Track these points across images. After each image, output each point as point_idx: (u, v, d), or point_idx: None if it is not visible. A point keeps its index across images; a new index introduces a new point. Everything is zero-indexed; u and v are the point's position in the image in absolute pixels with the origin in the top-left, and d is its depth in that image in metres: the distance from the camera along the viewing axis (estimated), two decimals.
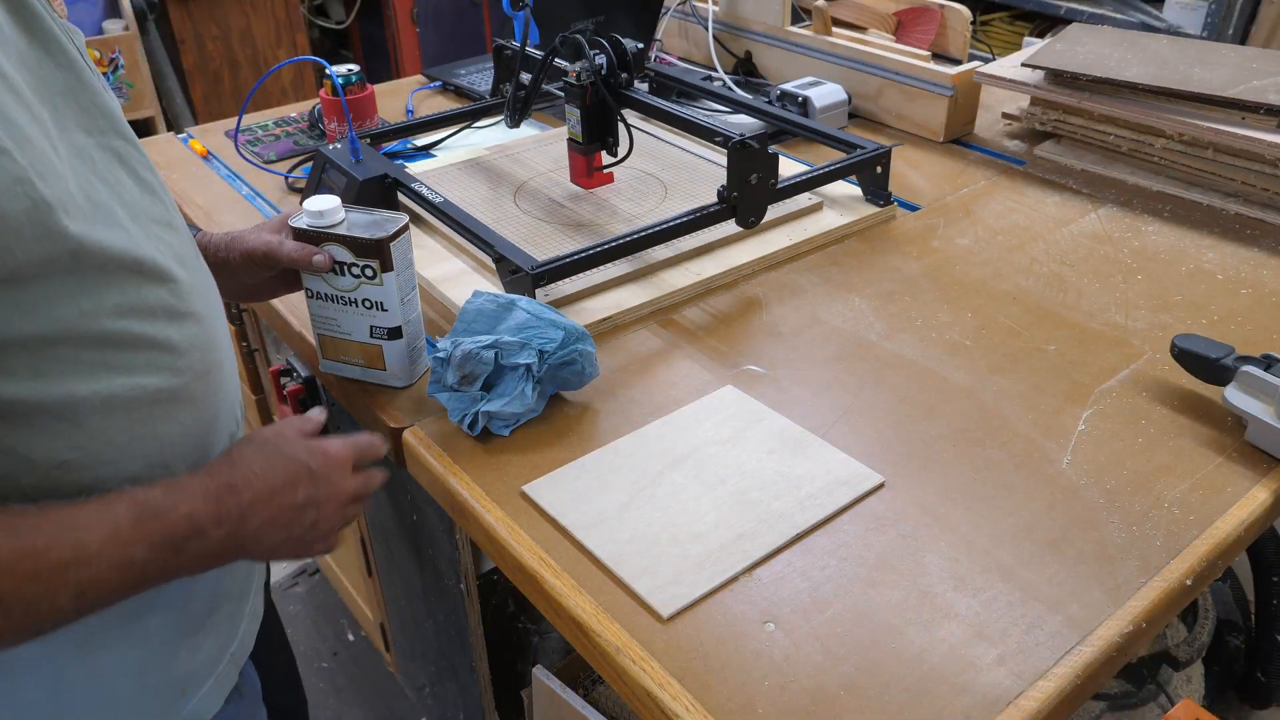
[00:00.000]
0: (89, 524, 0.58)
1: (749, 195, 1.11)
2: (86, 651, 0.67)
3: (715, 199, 1.11)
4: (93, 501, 0.59)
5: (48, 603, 0.56)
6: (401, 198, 1.21)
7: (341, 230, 0.86)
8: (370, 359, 0.93)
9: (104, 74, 2.98)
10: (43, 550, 0.55)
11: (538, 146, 1.42)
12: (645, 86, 1.39)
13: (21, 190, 0.52)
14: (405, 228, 0.87)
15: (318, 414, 0.79)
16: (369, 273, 0.87)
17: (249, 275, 0.90)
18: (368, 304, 0.89)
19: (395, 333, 0.90)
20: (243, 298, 0.94)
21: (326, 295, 0.90)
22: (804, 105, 1.46)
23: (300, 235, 0.86)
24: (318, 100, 1.54)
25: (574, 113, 1.20)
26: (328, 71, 1.27)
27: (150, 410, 0.63)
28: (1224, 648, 1.42)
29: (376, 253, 0.86)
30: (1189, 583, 0.72)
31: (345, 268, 0.87)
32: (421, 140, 1.47)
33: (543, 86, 1.30)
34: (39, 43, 0.57)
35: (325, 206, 0.85)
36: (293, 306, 1.09)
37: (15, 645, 0.58)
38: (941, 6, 1.59)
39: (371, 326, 0.90)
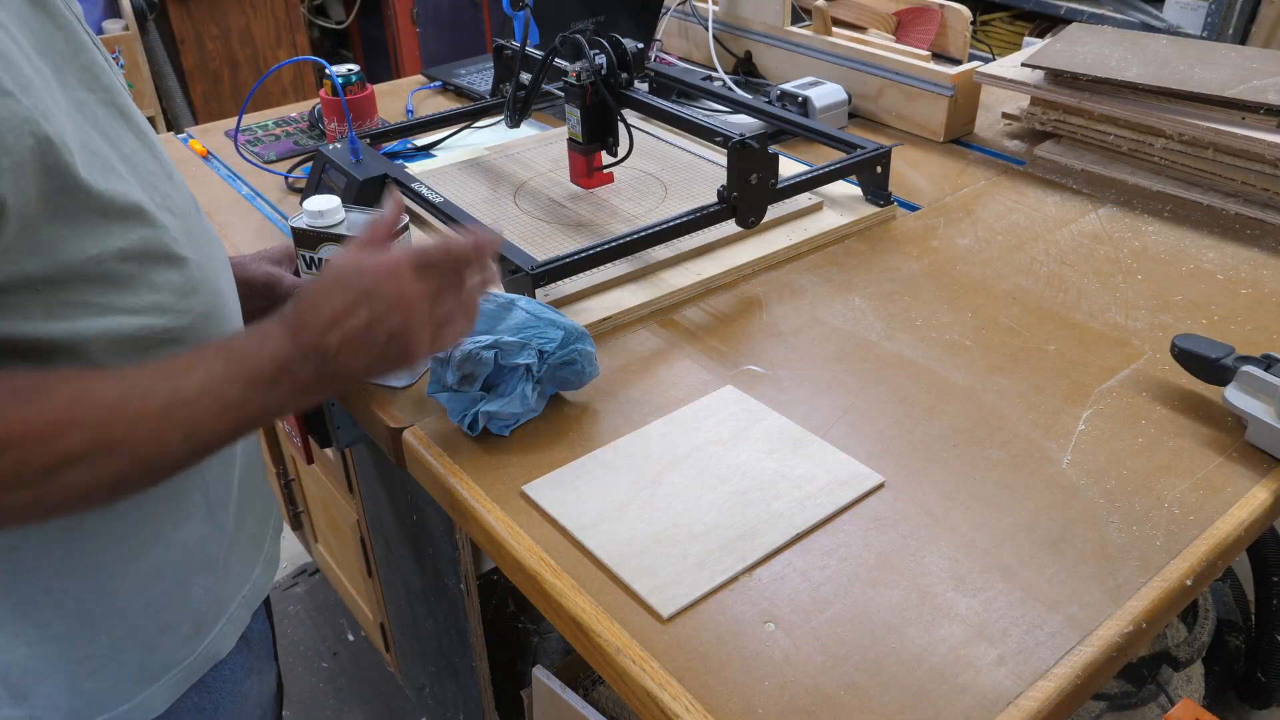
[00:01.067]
0: (185, 370, 0.61)
1: (749, 195, 1.11)
2: (106, 587, 0.70)
3: (715, 199, 1.11)
4: (185, 354, 0.63)
5: (160, 443, 0.59)
6: (402, 198, 1.21)
7: (341, 230, 0.86)
8: None
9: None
10: (144, 394, 0.59)
11: (538, 146, 1.42)
12: (645, 86, 1.39)
13: (28, 129, 0.54)
14: (405, 228, 0.87)
15: (389, 212, 0.76)
16: None
17: (245, 303, 0.90)
18: None
19: None
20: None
21: None
22: (804, 105, 1.46)
23: (300, 235, 0.87)
24: (318, 100, 1.54)
25: (574, 113, 1.20)
26: (328, 71, 1.27)
27: (159, 350, 0.66)
28: (1224, 648, 1.42)
29: None
30: (1189, 583, 0.72)
31: None
32: (421, 140, 1.47)
33: (543, 86, 1.30)
34: (39, 5, 0.60)
35: (325, 206, 0.85)
36: None
37: (142, 490, 0.62)
38: (941, 6, 1.59)
39: None
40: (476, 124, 1.50)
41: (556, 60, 1.22)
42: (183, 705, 0.78)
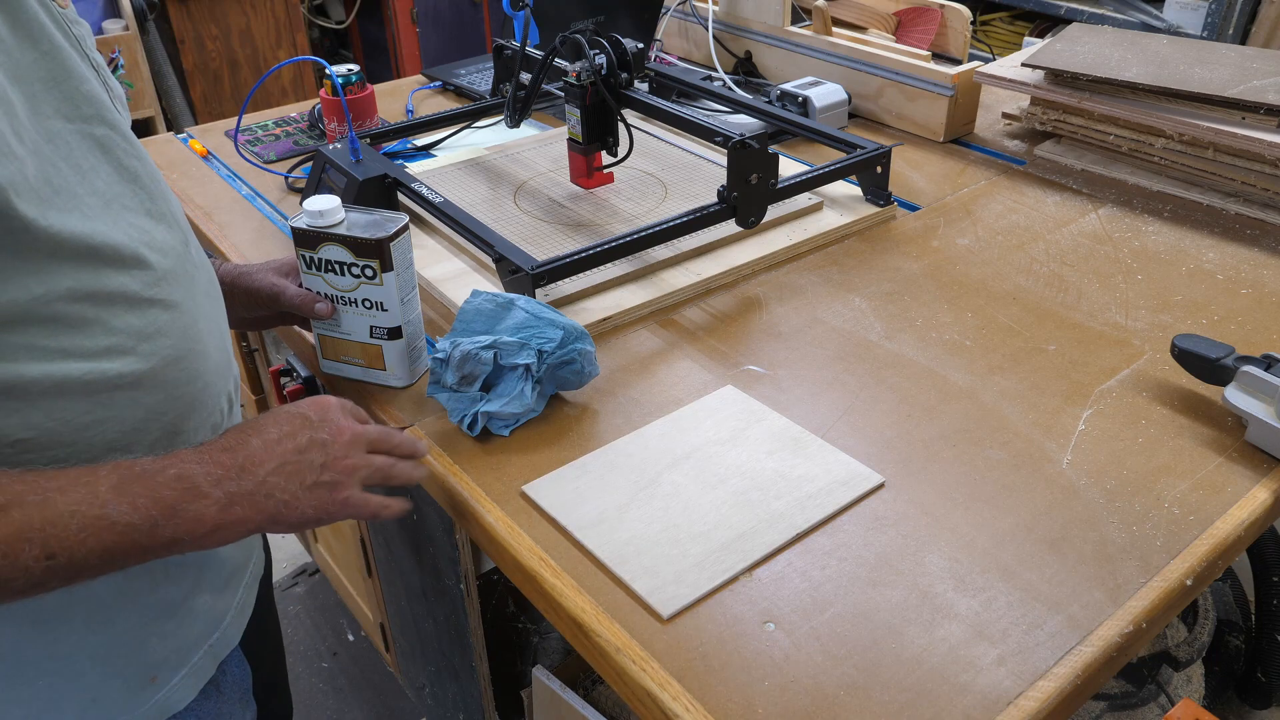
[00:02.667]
0: (62, 485, 0.57)
1: (749, 195, 1.11)
2: (46, 630, 0.67)
3: (715, 199, 1.11)
4: (75, 468, 0.59)
5: (10, 560, 0.55)
6: (401, 198, 1.21)
7: (341, 230, 0.86)
8: (370, 359, 0.93)
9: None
10: (2, 507, 0.55)
11: (538, 146, 1.42)
12: (645, 86, 1.39)
13: None
14: (405, 228, 0.87)
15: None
16: (369, 273, 0.87)
17: (249, 311, 0.92)
18: (368, 304, 0.89)
19: (395, 333, 0.90)
20: (243, 328, 0.96)
21: (326, 295, 0.90)
22: (804, 105, 1.46)
23: (300, 235, 0.87)
24: (318, 100, 1.54)
25: (574, 113, 1.20)
26: (328, 71, 1.27)
27: (112, 395, 0.63)
28: (1224, 648, 1.42)
29: (376, 253, 0.86)
30: (1189, 583, 0.72)
31: (345, 268, 0.87)
32: (421, 140, 1.47)
33: (543, 86, 1.30)
34: (21, 28, 0.58)
35: (325, 206, 0.85)
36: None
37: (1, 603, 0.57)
38: (941, 6, 1.59)
39: (371, 326, 0.90)
40: (476, 124, 1.50)
41: (556, 60, 1.22)
42: None
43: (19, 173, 0.55)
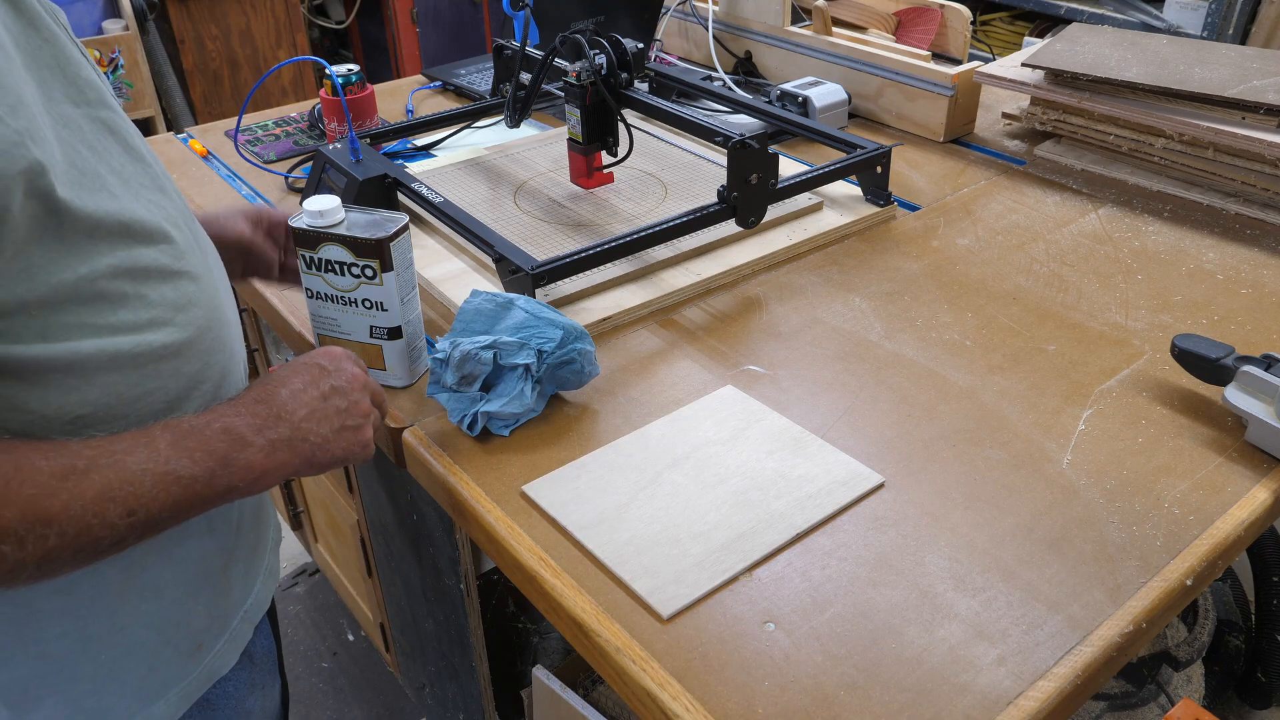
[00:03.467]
0: (127, 447, 0.60)
1: (749, 195, 1.11)
2: (106, 605, 0.69)
3: (715, 199, 1.11)
4: (131, 432, 0.62)
5: (99, 520, 0.58)
6: (401, 198, 1.21)
7: (341, 230, 0.86)
8: (370, 359, 0.93)
9: (103, 73, 2.99)
10: (84, 470, 0.58)
11: (538, 146, 1.42)
12: (645, 86, 1.39)
13: (18, 153, 0.53)
14: (405, 228, 0.87)
15: None
16: (369, 273, 0.87)
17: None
18: (367, 304, 0.89)
19: (395, 333, 0.90)
20: None
21: (326, 295, 0.90)
22: (804, 105, 1.46)
23: (300, 235, 0.87)
24: (318, 100, 1.54)
25: (574, 113, 1.20)
26: (328, 71, 1.27)
27: (158, 365, 0.66)
28: (1224, 648, 1.42)
29: (376, 253, 0.86)
30: (1189, 583, 0.72)
31: (345, 268, 0.87)
32: (421, 140, 1.47)
33: (543, 86, 1.30)
34: (23, 16, 0.59)
35: (325, 206, 0.86)
36: (293, 307, 1.09)
37: (85, 565, 0.60)
38: (941, 6, 1.59)
39: (371, 326, 0.90)
40: (476, 124, 1.50)
41: (556, 60, 1.22)
42: None
43: (52, 156, 0.57)
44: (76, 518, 0.57)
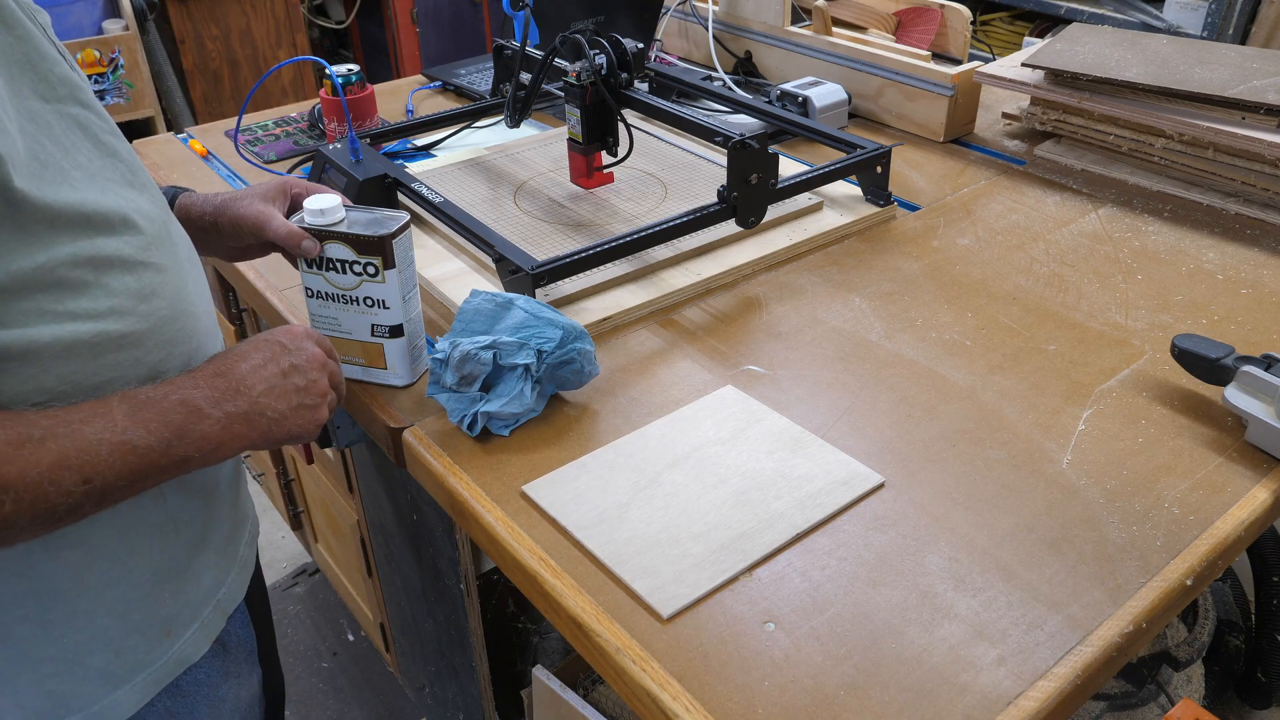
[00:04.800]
0: (84, 416, 0.62)
1: (749, 195, 1.11)
2: (69, 588, 0.70)
3: (715, 199, 1.11)
4: (87, 402, 0.63)
5: (55, 488, 0.59)
6: (401, 197, 1.21)
7: (343, 228, 0.86)
8: (371, 358, 0.93)
9: (103, 73, 2.99)
10: (39, 439, 0.59)
11: (538, 146, 1.42)
12: (645, 86, 1.39)
13: None
14: (407, 225, 0.87)
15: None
16: (371, 270, 0.87)
17: (236, 240, 0.91)
18: (369, 302, 0.89)
19: (397, 330, 0.90)
20: (231, 258, 0.97)
21: (327, 294, 0.90)
22: (804, 105, 1.46)
23: None
24: (318, 100, 1.54)
25: (574, 113, 1.20)
26: (328, 71, 1.27)
27: (117, 355, 0.66)
28: (1224, 648, 1.42)
29: (379, 250, 0.86)
30: (1189, 583, 0.72)
31: (347, 265, 0.87)
32: (421, 140, 1.47)
33: (543, 86, 1.30)
34: None
35: (326, 205, 0.86)
36: (292, 306, 1.09)
37: (42, 532, 0.62)
38: (941, 6, 1.59)
39: (373, 325, 0.90)
40: (476, 124, 1.50)
41: (556, 60, 1.22)
42: (154, 709, 0.78)
43: (13, 148, 0.58)
44: (33, 485, 0.58)
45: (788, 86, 1.49)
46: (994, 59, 1.52)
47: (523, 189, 1.30)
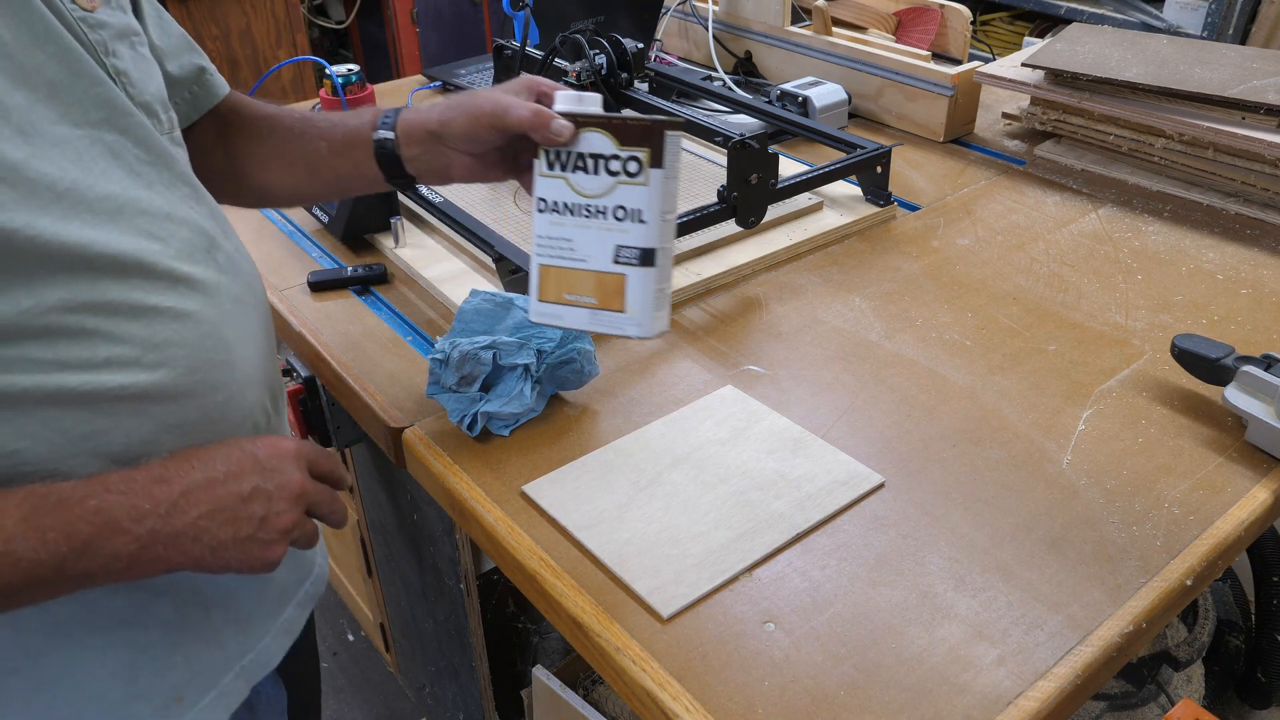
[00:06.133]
0: None
1: (749, 195, 1.11)
2: (64, 644, 0.65)
3: (715, 199, 1.11)
4: None
5: None
6: (401, 197, 1.21)
7: (604, 114, 0.72)
8: (607, 295, 0.74)
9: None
10: None
11: None
12: (645, 86, 1.39)
13: None
14: (680, 124, 0.71)
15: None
16: (632, 168, 0.71)
17: (469, 143, 0.77)
18: (620, 213, 0.72)
19: (648, 257, 0.72)
20: (459, 176, 0.81)
21: (565, 205, 0.73)
22: (804, 105, 1.46)
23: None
24: (318, 100, 1.54)
25: None
26: (328, 71, 1.27)
27: (113, 405, 0.60)
28: (1224, 648, 1.42)
29: (647, 139, 0.70)
30: (1189, 583, 0.72)
31: (602, 162, 0.71)
32: None
33: None
34: (26, 30, 0.56)
35: (583, 96, 0.73)
36: (292, 305, 1.09)
37: None
38: (941, 6, 1.59)
39: (618, 247, 0.72)
40: None
41: (556, 60, 1.22)
42: None
43: (15, 174, 0.54)
44: None
45: (788, 86, 1.49)
46: (994, 59, 1.52)
47: (522, 189, 1.30)
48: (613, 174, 0.71)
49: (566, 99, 0.73)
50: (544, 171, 0.73)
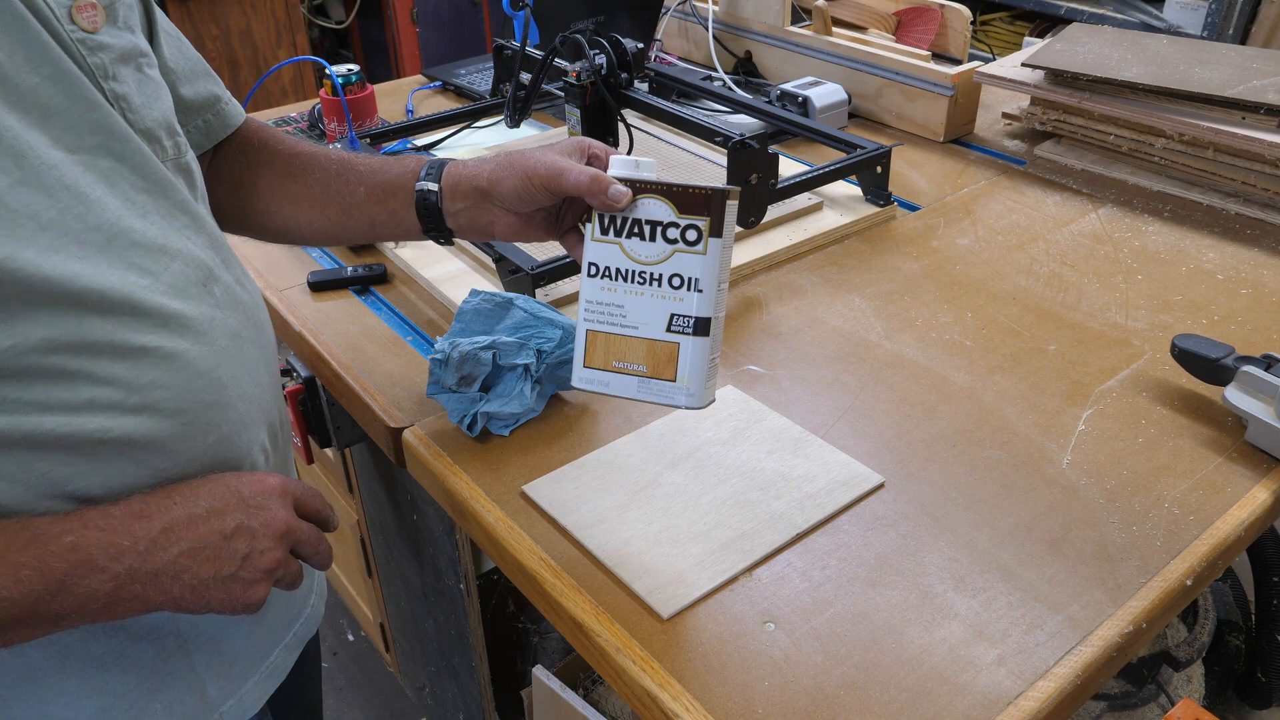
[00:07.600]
0: None
1: (749, 195, 1.11)
2: (36, 688, 0.62)
3: None
4: None
5: None
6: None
7: (662, 180, 0.70)
8: (657, 364, 0.70)
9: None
10: None
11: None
12: (645, 86, 1.39)
13: None
14: (737, 193, 0.70)
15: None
16: (691, 236, 0.68)
17: (520, 202, 0.75)
18: (676, 281, 0.69)
19: (703, 327, 0.69)
20: (504, 234, 0.78)
21: (618, 271, 0.70)
22: (804, 105, 1.46)
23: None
24: (318, 100, 1.54)
25: (574, 113, 1.20)
26: (328, 71, 1.27)
27: (94, 449, 0.57)
28: (1224, 648, 1.42)
29: (706, 207, 0.67)
30: (1189, 583, 0.72)
31: (659, 230, 0.69)
32: (421, 140, 1.47)
33: (543, 86, 1.30)
34: (20, 52, 0.54)
35: (640, 160, 0.72)
36: (292, 305, 1.09)
37: None
38: (941, 6, 1.59)
39: (673, 315, 0.69)
40: (476, 124, 1.50)
41: (556, 60, 1.22)
42: None
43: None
44: None
45: (788, 86, 1.49)
46: (994, 59, 1.52)
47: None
48: (670, 241, 0.69)
49: (622, 164, 0.71)
50: (597, 236, 0.71)
